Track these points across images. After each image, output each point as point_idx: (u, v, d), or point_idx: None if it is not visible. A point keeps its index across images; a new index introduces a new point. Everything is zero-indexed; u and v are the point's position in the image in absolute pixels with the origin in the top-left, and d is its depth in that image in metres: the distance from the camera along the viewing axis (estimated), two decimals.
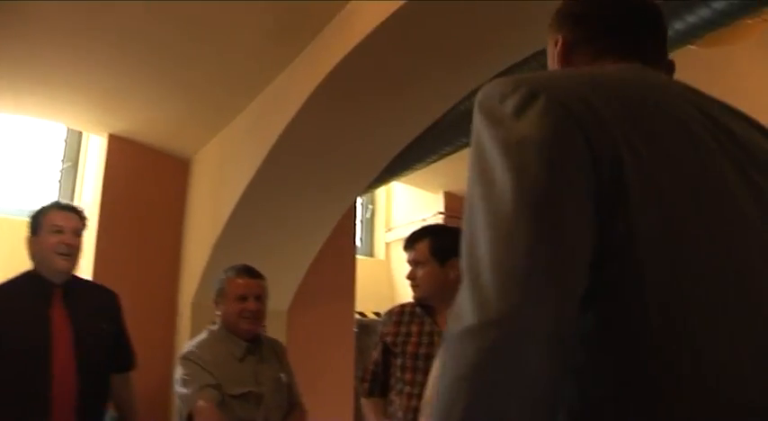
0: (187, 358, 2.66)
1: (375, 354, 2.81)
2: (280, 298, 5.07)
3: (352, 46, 3.18)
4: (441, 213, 6.63)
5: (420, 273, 2.59)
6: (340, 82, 3.47)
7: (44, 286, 2.74)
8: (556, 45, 1.11)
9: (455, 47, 3.17)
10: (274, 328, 5.03)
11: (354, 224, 5.94)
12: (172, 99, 4.53)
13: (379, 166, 4.31)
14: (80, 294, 2.87)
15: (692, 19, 2.91)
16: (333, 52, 3.38)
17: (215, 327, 2.84)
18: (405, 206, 7.39)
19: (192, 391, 2.53)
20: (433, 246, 2.58)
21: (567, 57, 1.09)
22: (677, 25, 2.95)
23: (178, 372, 2.65)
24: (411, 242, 2.66)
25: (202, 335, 2.82)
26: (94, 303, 2.93)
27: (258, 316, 2.80)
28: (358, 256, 6.30)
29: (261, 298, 2.82)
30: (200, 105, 4.60)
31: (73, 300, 2.79)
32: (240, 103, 4.52)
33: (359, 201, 6.83)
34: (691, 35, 3.03)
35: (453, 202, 6.71)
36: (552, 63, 1.12)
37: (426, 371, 2.50)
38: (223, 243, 4.48)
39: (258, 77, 4.18)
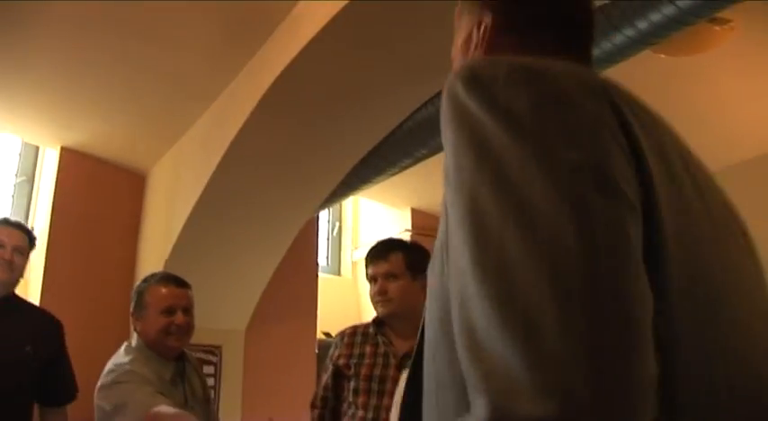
0: (121, 380, 2.24)
1: (325, 378, 2.64)
2: (237, 316, 4.91)
3: (301, 46, 3.07)
4: (408, 230, 6.49)
5: (393, 286, 2.44)
6: (291, 84, 3.35)
7: None
8: (479, 28, 0.93)
9: (412, 46, 3.04)
10: (231, 349, 4.87)
11: (317, 240, 5.79)
12: (125, 109, 4.39)
13: (337, 176, 4.17)
14: (12, 313, 2.69)
15: (656, 17, 2.79)
16: (283, 54, 3.26)
17: (133, 344, 2.42)
18: (372, 223, 7.25)
19: (144, 397, 2.16)
20: (408, 258, 2.45)
21: (491, 44, 0.92)
22: (640, 25, 2.84)
23: (110, 398, 2.22)
24: (383, 253, 2.50)
25: (126, 356, 2.38)
26: (26, 325, 2.73)
27: (188, 330, 2.47)
28: (324, 275, 6.16)
29: (189, 310, 2.49)
30: (155, 115, 4.46)
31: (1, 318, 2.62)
32: (194, 112, 4.37)
33: (324, 217, 6.69)
34: (654, 35, 2.91)
35: (421, 219, 6.57)
36: (466, 49, 0.95)
37: (381, 394, 2.39)
38: (174, 260, 4.30)
39: (211, 84, 4.05)
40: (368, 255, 2.58)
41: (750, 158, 4.72)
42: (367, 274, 2.56)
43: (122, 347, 2.45)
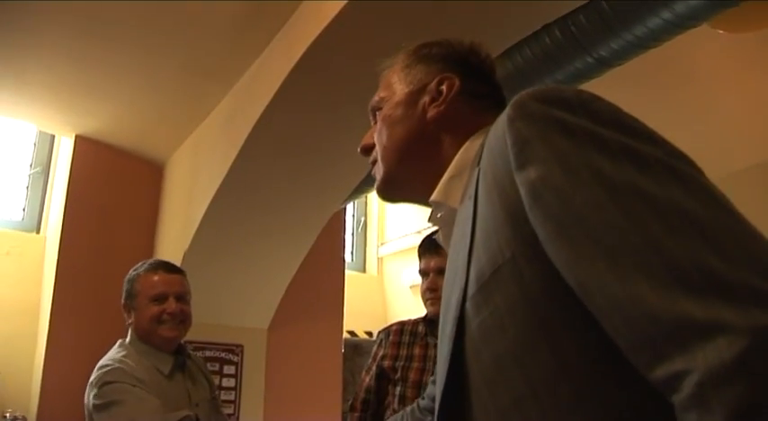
0: (110, 380, 2.07)
1: (367, 380, 2.40)
2: (259, 314, 4.73)
3: (326, 23, 2.87)
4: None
5: None
6: (316, 64, 3.14)
7: None
8: (440, 84, 1.04)
9: (442, 23, 2.80)
10: (253, 348, 4.69)
11: (343, 235, 5.56)
12: (142, 93, 4.19)
13: (366, 164, 3.88)
14: None
15: (680, 8, 2.63)
16: (307, 31, 3.06)
17: (127, 340, 2.28)
18: (399, 217, 7.01)
19: (136, 412, 1.98)
20: None
21: (450, 104, 1.03)
22: (678, 7, 2.66)
23: (97, 397, 2.05)
24: (437, 245, 2.23)
25: (118, 351, 2.24)
26: None
27: (183, 319, 2.28)
28: (349, 272, 5.96)
29: (184, 297, 2.31)
30: (173, 99, 4.26)
31: None
32: (214, 96, 4.16)
33: (349, 212, 6.49)
34: (692, 19, 2.73)
35: None
36: (415, 99, 1.06)
37: None
38: (193, 255, 4.08)
39: (231, 66, 3.84)
40: (420, 248, 2.33)
41: (746, 167, 4.69)
42: (419, 268, 2.30)
43: (116, 344, 2.29)
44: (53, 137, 5.17)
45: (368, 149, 1.13)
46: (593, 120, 0.72)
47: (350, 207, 6.45)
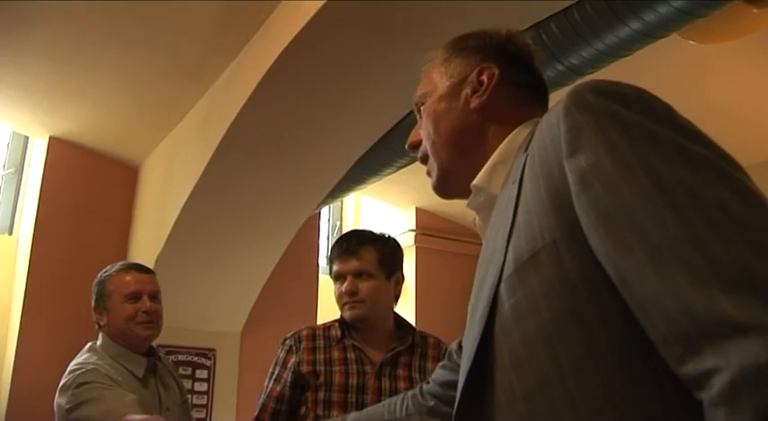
0: (85, 381, 2.03)
1: (278, 388, 2.21)
2: (232, 318, 4.74)
3: (301, 26, 2.88)
4: (412, 230, 6.25)
5: (364, 286, 2.13)
6: (291, 67, 3.15)
7: None
8: (480, 75, 1.04)
9: (420, 25, 2.82)
10: (226, 352, 4.68)
11: (317, 240, 5.56)
12: (117, 95, 4.19)
13: (341, 168, 3.93)
14: None
15: (663, 10, 2.65)
16: (283, 34, 3.06)
17: (98, 344, 2.26)
18: (374, 223, 7.01)
19: (113, 403, 1.95)
20: (382, 255, 2.15)
21: (492, 93, 1.03)
22: (648, 17, 2.71)
23: (71, 398, 2.01)
24: (354, 247, 2.16)
25: (89, 355, 2.19)
26: None
27: (157, 320, 2.27)
28: (323, 276, 5.93)
29: (156, 297, 2.30)
30: (148, 103, 4.26)
31: None
32: (190, 98, 4.16)
33: (324, 216, 6.48)
34: (661, 29, 2.78)
35: (426, 219, 6.33)
36: (457, 91, 1.06)
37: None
38: (166, 257, 4.07)
39: (208, 68, 3.84)
40: (333, 250, 2.25)
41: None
42: (331, 271, 2.23)
43: (85, 347, 2.26)
44: (27, 138, 5.13)
45: (415, 146, 1.13)
46: (648, 116, 0.73)
47: (325, 211, 6.44)
